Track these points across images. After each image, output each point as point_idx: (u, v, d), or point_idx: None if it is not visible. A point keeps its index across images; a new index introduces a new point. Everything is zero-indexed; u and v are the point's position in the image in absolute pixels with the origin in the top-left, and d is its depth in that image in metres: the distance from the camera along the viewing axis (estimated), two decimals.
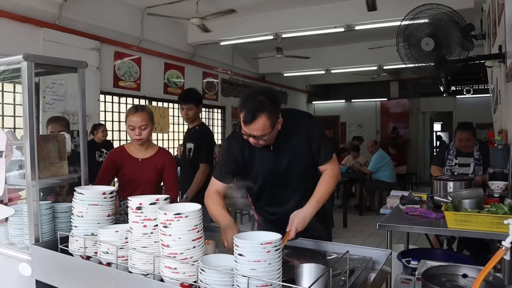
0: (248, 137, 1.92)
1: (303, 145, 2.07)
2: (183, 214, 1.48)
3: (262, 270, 1.32)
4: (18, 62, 1.80)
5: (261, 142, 1.93)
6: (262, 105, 1.84)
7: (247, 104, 1.87)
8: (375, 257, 1.87)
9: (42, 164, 1.92)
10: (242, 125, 1.90)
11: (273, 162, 2.08)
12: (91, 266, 1.63)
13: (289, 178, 2.12)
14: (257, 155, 2.08)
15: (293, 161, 2.10)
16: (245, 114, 1.85)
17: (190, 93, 3.98)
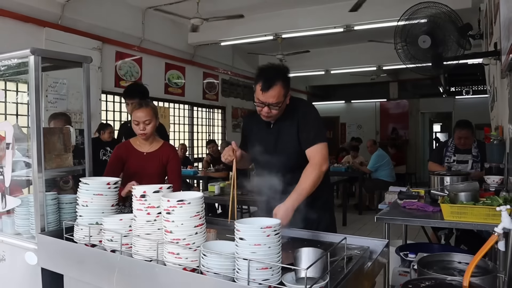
0: (263, 107, 2.09)
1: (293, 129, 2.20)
2: (185, 201, 1.53)
3: (262, 253, 1.37)
4: (25, 56, 1.85)
5: (274, 112, 2.11)
6: (277, 74, 2.08)
7: (263, 73, 2.09)
8: (372, 246, 1.92)
9: (48, 156, 1.97)
10: (258, 95, 2.08)
11: (269, 138, 2.25)
12: (96, 252, 1.68)
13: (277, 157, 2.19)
14: (259, 132, 2.29)
15: (284, 139, 2.23)
16: (263, 82, 2.05)
17: (135, 88, 3.94)
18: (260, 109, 2.13)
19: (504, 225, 1.57)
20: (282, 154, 2.20)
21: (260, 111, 2.14)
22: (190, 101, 8.68)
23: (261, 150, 2.23)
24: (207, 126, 9.54)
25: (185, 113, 8.76)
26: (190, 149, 8.73)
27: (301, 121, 2.20)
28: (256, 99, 2.10)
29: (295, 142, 2.20)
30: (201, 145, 9.26)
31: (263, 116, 2.16)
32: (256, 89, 2.09)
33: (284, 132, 2.23)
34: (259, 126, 2.29)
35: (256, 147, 2.25)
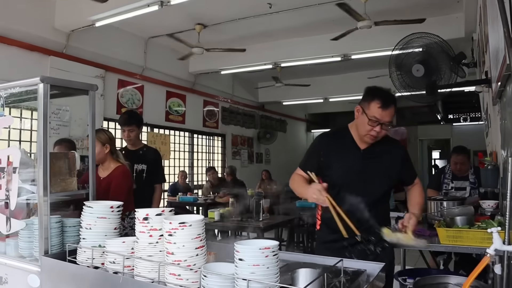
0: (375, 126, 2.10)
1: (393, 166, 2.24)
2: (187, 223, 1.58)
3: (261, 273, 1.41)
4: (35, 84, 1.94)
5: (383, 132, 2.14)
6: (393, 96, 2.18)
7: (381, 93, 2.15)
8: (369, 270, 1.94)
9: (53, 179, 2.02)
10: (373, 112, 2.09)
11: (360, 163, 2.21)
12: (98, 274, 1.72)
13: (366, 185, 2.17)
14: (345, 156, 2.24)
15: (378, 169, 2.21)
16: (384, 99, 2.10)
17: (132, 115, 4.06)
18: (370, 128, 2.12)
19: (496, 246, 1.61)
20: (372, 180, 2.19)
21: (369, 131, 2.13)
22: (190, 129, 8.79)
23: (347, 172, 2.20)
24: (207, 154, 9.61)
25: (186, 141, 8.86)
26: (190, 176, 8.77)
27: (405, 158, 2.30)
28: (371, 117, 2.09)
29: (391, 174, 2.24)
30: (201, 172, 9.31)
31: (370, 136, 2.15)
32: (371, 106, 2.11)
33: (379, 159, 2.21)
34: (345, 147, 2.25)
35: (340, 168, 2.21)
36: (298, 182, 2.27)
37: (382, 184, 2.24)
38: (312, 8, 5.64)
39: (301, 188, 2.22)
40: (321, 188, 2.02)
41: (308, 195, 2.09)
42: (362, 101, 2.20)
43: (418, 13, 5.91)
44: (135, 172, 3.79)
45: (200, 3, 5.37)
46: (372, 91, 2.18)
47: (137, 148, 3.90)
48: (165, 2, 4.79)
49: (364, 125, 2.14)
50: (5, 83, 2.20)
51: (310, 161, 2.31)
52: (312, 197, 2.06)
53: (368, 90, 2.22)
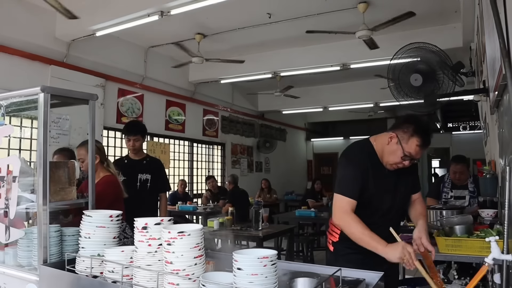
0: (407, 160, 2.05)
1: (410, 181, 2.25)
2: (186, 232, 1.58)
3: (259, 283, 1.42)
4: (35, 94, 1.95)
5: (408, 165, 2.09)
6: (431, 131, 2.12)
7: (422, 129, 2.05)
8: (368, 279, 1.94)
9: (53, 189, 2.03)
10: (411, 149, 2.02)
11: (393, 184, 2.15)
12: (97, 283, 1.72)
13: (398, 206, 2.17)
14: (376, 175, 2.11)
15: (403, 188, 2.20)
16: (424, 140, 2.03)
17: (137, 125, 4.16)
18: (400, 161, 2.06)
19: (494, 255, 1.62)
20: (401, 199, 2.20)
21: (398, 163, 2.07)
22: (190, 138, 8.81)
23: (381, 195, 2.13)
24: (207, 162, 9.62)
25: (185, 149, 8.87)
26: (189, 185, 8.77)
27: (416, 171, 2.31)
28: (407, 152, 2.03)
29: (410, 191, 2.26)
30: (201, 181, 9.31)
31: (396, 166, 2.10)
32: (410, 142, 2.02)
33: (402, 179, 2.18)
34: (377, 169, 2.13)
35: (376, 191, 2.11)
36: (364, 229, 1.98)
37: (407, 203, 2.28)
38: (311, 18, 5.70)
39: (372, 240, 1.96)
40: (412, 251, 1.87)
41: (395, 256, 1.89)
42: (399, 130, 2.07)
43: (416, 23, 5.97)
44: (139, 181, 3.80)
45: (200, 13, 5.42)
46: (415, 125, 2.05)
47: (141, 158, 3.94)
48: (165, 12, 4.83)
49: (395, 156, 2.06)
50: (6, 92, 2.21)
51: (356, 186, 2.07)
52: (400, 259, 1.88)
53: (409, 120, 2.09)
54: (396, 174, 2.15)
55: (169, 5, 4.72)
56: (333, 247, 2.29)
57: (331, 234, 2.28)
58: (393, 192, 2.15)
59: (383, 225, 2.07)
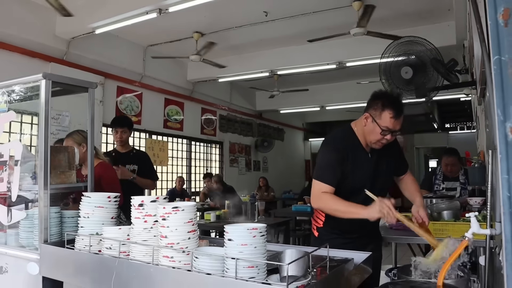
0: (386, 135, 2.11)
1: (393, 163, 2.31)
2: (180, 207, 1.66)
3: (249, 252, 1.50)
4: (37, 80, 2.04)
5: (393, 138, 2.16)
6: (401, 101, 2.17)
7: (393, 102, 2.12)
8: (356, 258, 2.03)
9: (53, 172, 2.11)
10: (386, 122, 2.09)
11: (369, 167, 2.22)
12: (95, 257, 1.80)
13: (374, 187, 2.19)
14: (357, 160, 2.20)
15: (384, 171, 2.26)
16: (397, 109, 2.09)
17: (124, 118, 4.43)
18: (381, 137, 2.12)
19: (473, 230, 1.70)
20: (381, 181, 2.26)
21: (380, 139, 2.13)
22: (188, 136, 8.89)
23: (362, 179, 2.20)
24: (205, 161, 9.69)
25: (183, 148, 8.95)
26: (187, 183, 8.85)
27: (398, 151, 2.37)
28: (384, 127, 2.09)
29: (391, 171, 2.32)
30: (199, 179, 9.38)
31: (380, 144, 2.15)
32: (383, 116, 2.08)
33: (383, 159, 2.25)
34: (357, 153, 2.21)
35: (356, 175, 2.19)
36: (339, 201, 2.09)
37: (388, 183, 2.34)
38: (307, 16, 5.79)
39: (351, 207, 2.06)
40: (390, 204, 1.94)
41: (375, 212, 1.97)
42: (371, 109, 2.14)
43: (411, 21, 6.07)
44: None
45: (198, 12, 5.51)
46: (382, 99, 2.12)
47: (128, 151, 4.15)
48: (163, 9, 4.92)
49: (375, 134, 2.12)
50: (8, 81, 2.30)
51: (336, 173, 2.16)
52: (380, 213, 1.96)
53: (376, 96, 2.16)
54: (377, 157, 2.22)
55: (167, 3, 4.80)
56: (317, 232, 2.37)
57: (315, 220, 2.38)
58: (373, 175, 2.22)
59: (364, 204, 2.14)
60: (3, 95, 2.21)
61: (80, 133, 3.10)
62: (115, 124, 4.13)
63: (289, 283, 1.37)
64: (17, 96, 2.42)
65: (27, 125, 5.48)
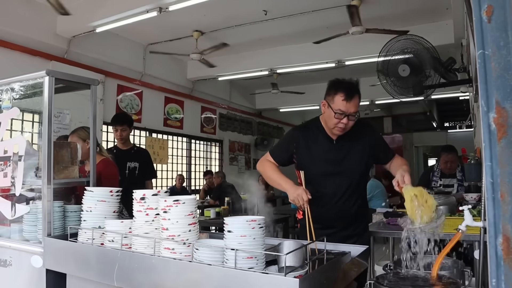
0: (342, 118, 2.15)
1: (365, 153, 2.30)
2: (181, 200, 1.71)
3: (248, 243, 1.54)
4: (41, 77, 2.08)
5: (350, 123, 2.18)
6: (356, 85, 2.21)
7: (344, 85, 2.18)
8: (353, 252, 2.07)
9: (57, 167, 2.16)
10: (338, 105, 2.14)
11: (334, 154, 2.28)
12: (98, 250, 1.84)
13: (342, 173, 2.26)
14: (318, 147, 2.29)
15: (352, 157, 2.28)
16: (347, 92, 2.14)
17: (124, 116, 4.43)
18: (337, 121, 2.16)
19: (467, 222, 1.74)
20: (347, 169, 2.28)
21: (336, 123, 2.18)
22: (188, 134, 8.93)
23: (321, 164, 2.27)
24: (205, 159, 9.74)
25: (183, 146, 8.99)
26: (187, 181, 8.89)
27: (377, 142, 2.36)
28: (337, 110, 2.14)
29: (363, 160, 2.31)
30: (198, 177, 9.43)
31: (339, 128, 2.19)
32: (336, 100, 2.15)
33: (352, 149, 2.29)
34: (318, 140, 2.30)
35: (315, 160, 2.28)
36: (274, 170, 2.34)
37: (355, 173, 2.31)
38: (306, 15, 5.82)
39: (278, 179, 2.29)
40: (304, 194, 2.07)
41: (290, 195, 2.14)
42: (326, 95, 2.24)
43: (409, 20, 6.10)
44: (128, 169, 4.03)
45: (197, 11, 5.55)
46: (335, 84, 2.22)
47: (128, 148, 4.20)
48: (163, 8, 4.96)
49: (331, 118, 2.19)
50: (12, 77, 2.34)
51: (282, 153, 2.39)
52: (294, 198, 2.11)
53: (330, 83, 2.26)
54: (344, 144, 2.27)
55: (167, 1, 4.85)
56: (299, 223, 2.47)
57: (298, 212, 2.46)
58: (338, 161, 2.27)
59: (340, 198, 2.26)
60: (7, 92, 2.25)
61: (85, 130, 3.10)
62: (115, 122, 4.18)
63: (287, 273, 1.42)
64: (17, 95, 2.46)
65: (28, 123, 5.52)
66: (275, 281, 1.38)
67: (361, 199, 2.36)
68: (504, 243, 0.70)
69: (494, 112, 0.73)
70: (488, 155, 0.74)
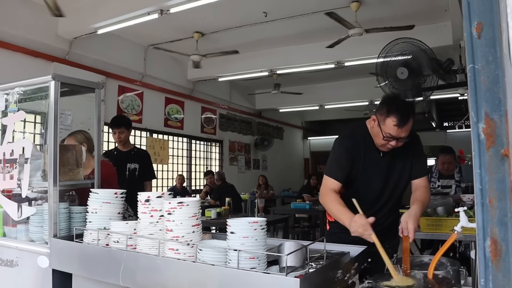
0: (391, 141, 2.01)
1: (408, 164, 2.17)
2: (184, 202, 1.76)
3: (250, 244, 1.59)
4: (47, 82, 2.13)
5: (400, 144, 2.04)
6: (411, 108, 2.04)
7: (398, 108, 1.99)
8: (352, 252, 2.12)
9: (62, 169, 2.21)
10: (389, 129, 1.99)
11: (385, 168, 2.15)
12: (103, 250, 1.89)
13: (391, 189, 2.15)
14: (369, 160, 2.14)
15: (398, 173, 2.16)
16: (400, 118, 1.96)
17: (121, 118, 4.47)
18: (385, 143, 2.04)
19: (462, 224, 1.79)
20: (394, 182, 2.17)
21: (384, 144, 2.06)
22: (188, 134, 8.98)
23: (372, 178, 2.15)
24: (205, 159, 9.79)
25: (184, 146, 9.04)
26: (188, 181, 8.94)
27: (416, 150, 2.18)
28: (386, 134, 2.01)
29: (407, 172, 2.17)
30: (199, 177, 9.48)
31: (386, 147, 2.07)
32: (387, 123, 1.99)
33: (396, 159, 2.15)
34: (368, 150, 2.15)
35: (366, 174, 2.15)
36: (336, 204, 2.07)
37: (402, 184, 2.22)
38: (306, 16, 5.87)
39: (341, 214, 2.05)
40: (366, 223, 1.89)
41: (352, 229, 1.95)
42: (378, 112, 2.07)
43: (408, 22, 6.13)
44: (128, 170, 4.08)
45: (198, 12, 5.58)
46: (389, 104, 2.04)
47: (129, 149, 4.24)
48: (164, 10, 5.00)
49: (379, 138, 2.06)
50: (16, 82, 2.39)
51: (343, 168, 2.15)
52: (356, 232, 1.93)
53: (384, 100, 2.10)
54: (391, 157, 2.14)
55: (168, 4, 4.89)
56: (329, 226, 2.41)
57: (329, 214, 2.37)
58: (385, 175, 2.15)
59: (377, 210, 2.15)
60: (13, 96, 2.30)
61: (82, 133, 3.14)
62: (112, 125, 4.24)
63: (288, 273, 1.47)
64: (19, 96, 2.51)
65: (30, 124, 5.56)
66: (276, 281, 1.43)
67: (396, 212, 2.28)
68: (492, 246, 0.75)
69: (483, 122, 0.78)
70: (478, 163, 0.79)
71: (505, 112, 0.75)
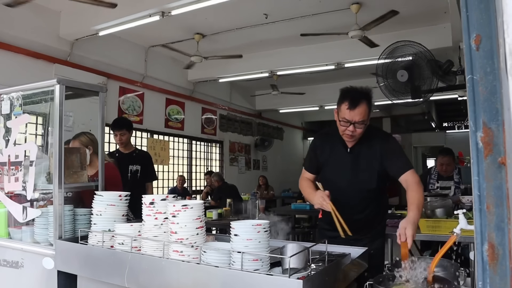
0: (347, 126, 2.16)
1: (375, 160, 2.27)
2: (189, 205, 1.79)
3: (254, 246, 1.62)
4: (51, 85, 2.16)
5: (358, 131, 2.18)
6: (362, 94, 2.19)
7: (350, 93, 2.19)
8: (353, 253, 2.15)
9: (67, 172, 2.24)
10: (343, 114, 2.16)
11: (348, 162, 2.31)
12: (109, 252, 1.92)
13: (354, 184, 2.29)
14: (335, 154, 2.34)
15: (363, 167, 2.29)
16: (350, 100, 2.14)
17: (122, 120, 4.49)
18: (344, 129, 2.19)
19: (461, 226, 1.82)
20: (360, 178, 2.29)
21: (343, 131, 2.20)
22: (189, 135, 9.00)
23: (337, 172, 2.33)
24: (205, 160, 9.82)
25: (184, 147, 9.07)
26: (188, 181, 8.97)
27: (387, 150, 2.26)
28: (342, 118, 2.17)
29: (375, 168, 2.27)
30: (199, 177, 9.51)
31: (347, 136, 2.22)
32: (341, 109, 2.17)
33: (363, 156, 2.28)
34: (335, 148, 2.34)
35: (332, 168, 2.35)
36: (306, 187, 2.41)
37: (369, 181, 2.29)
38: (306, 18, 5.90)
39: (308, 195, 2.37)
40: (324, 195, 2.15)
41: (314, 201, 2.22)
42: (337, 104, 2.26)
43: (407, 24, 6.19)
44: (130, 172, 4.09)
45: (199, 14, 5.61)
46: (342, 92, 2.24)
47: (130, 151, 4.27)
48: (166, 12, 5.03)
49: (339, 126, 2.22)
50: (21, 85, 2.42)
51: (311, 163, 2.47)
52: (317, 203, 2.18)
53: (340, 91, 2.27)
54: (358, 154, 2.29)
55: (169, 6, 4.91)
56: (318, 222, 2.61)
57: (320, 212, 2.52)
58: (350, 170, 2.30)
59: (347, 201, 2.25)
60: (18, 99, 2.32)
61: (87, 136, 3.14)
62: (114, 127, 4.24)
63: (291, 274, 1.50)
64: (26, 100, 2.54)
65: (31, 125, 5.59)
66: (279, 283, 1.46)
67: (374, 208, 2.36)
68: (489, 250, 0.78)
69: (481, 131, 0.81)
70: (476, 171, 0.82)
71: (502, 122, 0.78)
